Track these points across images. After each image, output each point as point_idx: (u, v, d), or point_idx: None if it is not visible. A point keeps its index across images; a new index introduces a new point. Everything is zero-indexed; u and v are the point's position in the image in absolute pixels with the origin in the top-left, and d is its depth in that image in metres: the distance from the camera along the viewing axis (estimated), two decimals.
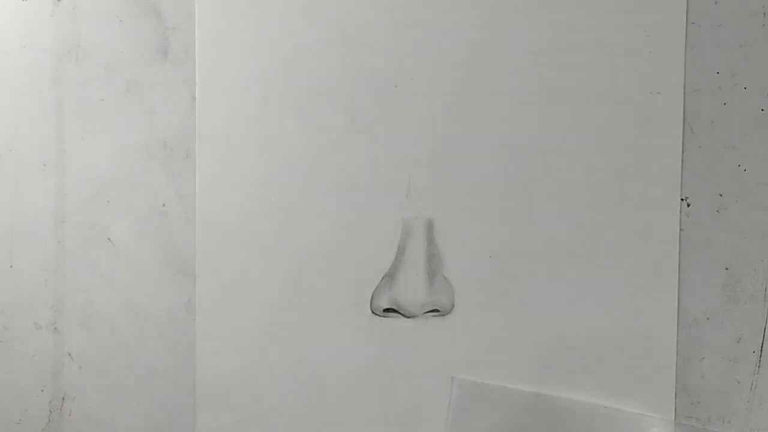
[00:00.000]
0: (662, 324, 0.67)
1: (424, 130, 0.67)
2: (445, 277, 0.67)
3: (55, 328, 0.69)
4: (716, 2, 0.66)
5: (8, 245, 0.68)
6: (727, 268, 0.67)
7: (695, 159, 0.67)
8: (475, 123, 0.67)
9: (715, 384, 0.67)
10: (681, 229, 0.67)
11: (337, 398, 0.67)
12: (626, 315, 0.67)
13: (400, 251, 0.67)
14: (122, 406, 0.69)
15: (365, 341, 0.67)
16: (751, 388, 0.67)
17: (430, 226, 0.67)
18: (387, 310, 0.67)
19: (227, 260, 0.67)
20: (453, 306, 0.67)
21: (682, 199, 0.67)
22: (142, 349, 0.68)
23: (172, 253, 0.68)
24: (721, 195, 0.67)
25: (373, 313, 0.67)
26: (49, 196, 0.68)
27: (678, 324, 0.67)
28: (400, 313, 0.67)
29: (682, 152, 0.67)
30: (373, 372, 0.67)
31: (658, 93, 0.66)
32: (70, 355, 0.69)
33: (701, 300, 0.67)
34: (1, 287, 0.69)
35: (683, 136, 0.67)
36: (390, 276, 0.67)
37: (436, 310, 0.67)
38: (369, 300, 0.67)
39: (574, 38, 0.66)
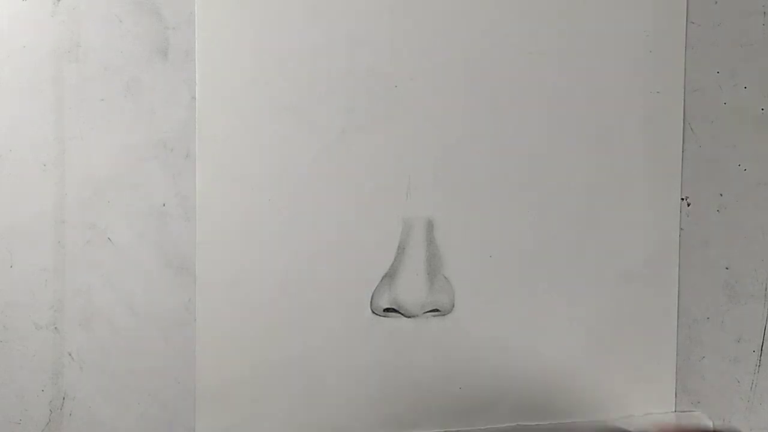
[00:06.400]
0: (662, 324, 0.67)
1: (424, 130, 0.67)
2: (445, 277, 0.67)
3: (55, 328, 0.69)
4: (716, 2, 0.66)
5: (8, 245, 0.68)
6: (727, 268, 0.67)
7: (695, 159, 0.67)
8: (475, 123, 0.67)
9: (715, 384, 0.67)
10: (681, 229, 0.67)
11: (337, 398, 0.67)
12: (626, 315, 0.67)
13: (400, 251, 0.67)
14: (122, 406, 0.69)
15: (365, 341, 0.67)
16: (751, 388, 0.67)
17: (430, 226, 0.67)
18: (387, 310, 0.67)
19: (227, 260, 0.67)
20: (453, 306, 0.67)
21: (682, 199, 0.67)
22: (142, 349, 0.68)
23: (172, 253, 0.68)
24: (721, 195, 0.67)
25: (373, 313, 0.67)
26: (49, 197, 0.68)
27: (678, 324, 0.67)
28: (400, 313, 0.67)
29: (682, 152, 0.67)
30: (373, 372, 0.67)
31: (658, 93, 0.66)
32: (70, 355, 0.69)
33: (701, 300, 0.67)
34: (1, 287, 0.69)
35: (683, 136, 0.67)
36: (390, 276, 0.67)
37: (436, 310, 0.67)
38: (369, 300, 0.67)
39: (574, 38, 0.66)
